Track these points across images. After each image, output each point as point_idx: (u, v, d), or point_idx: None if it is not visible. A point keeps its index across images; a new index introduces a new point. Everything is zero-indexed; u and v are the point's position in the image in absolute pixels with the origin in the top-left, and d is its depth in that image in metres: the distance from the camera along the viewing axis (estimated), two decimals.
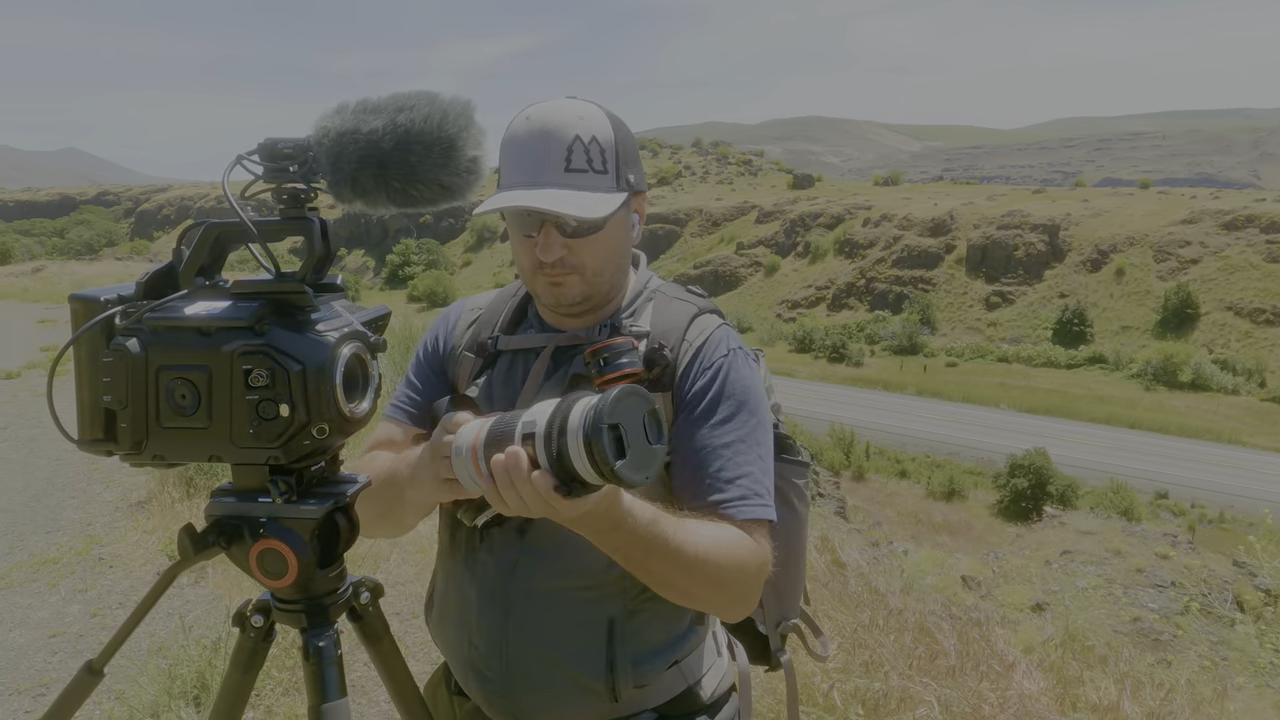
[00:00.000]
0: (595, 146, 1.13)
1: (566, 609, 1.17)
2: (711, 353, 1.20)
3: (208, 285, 0.90)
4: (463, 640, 1.25)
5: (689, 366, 1.19)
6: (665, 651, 1.21)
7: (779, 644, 1.39)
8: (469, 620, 1.23)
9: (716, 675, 1.29)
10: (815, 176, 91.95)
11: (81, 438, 0.89)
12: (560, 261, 1.15)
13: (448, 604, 1.29)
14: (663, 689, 1.21)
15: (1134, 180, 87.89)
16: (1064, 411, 38.04)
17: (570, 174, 1.11)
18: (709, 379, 1.18)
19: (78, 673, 0.96)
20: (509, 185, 1.13)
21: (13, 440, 7.64)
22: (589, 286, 1.18)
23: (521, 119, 1.14)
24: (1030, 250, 58.49)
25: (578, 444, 0.80)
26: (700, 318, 1.23)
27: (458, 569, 1.26)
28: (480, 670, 1.23)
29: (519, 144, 1.13)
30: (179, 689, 3.04)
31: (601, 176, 1.13)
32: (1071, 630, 6.59)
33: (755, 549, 1.12)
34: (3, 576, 4.56)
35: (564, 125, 1.12)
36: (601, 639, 1.17)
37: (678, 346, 1.19)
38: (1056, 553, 13.69)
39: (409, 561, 4.50)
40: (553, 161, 1.11)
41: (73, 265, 47.55)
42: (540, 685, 1.19)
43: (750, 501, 1.14)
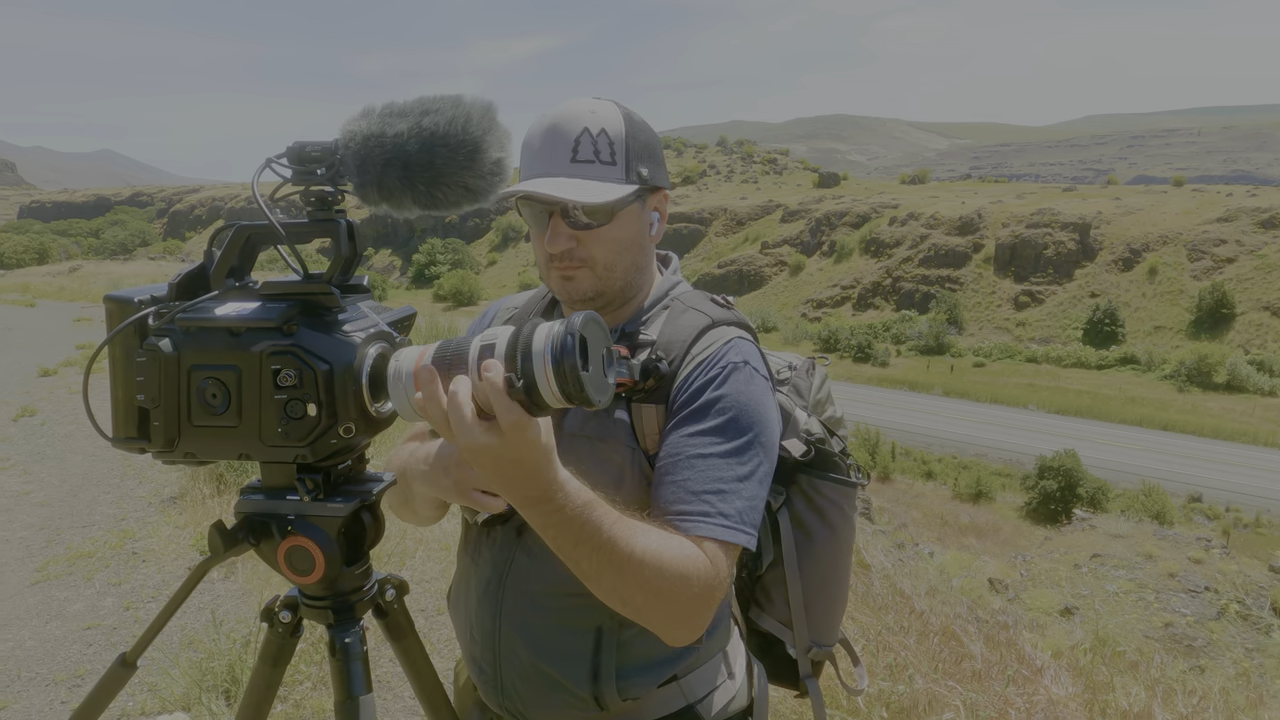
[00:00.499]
0: (604, 138, 1.12)
1: (555, 614, 1.16)
2: (713, 364, 1.14)
3: (238, 286, 0.91)
4: (465, 632, 1.27)
5: (686, 379, 1.14)
6: (658, 667, 1.18)
7: (809, 670, 1.35)
8: (470, 613, 1.26)
9: (724, 696, 1.24)
10: (841, 175, 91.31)
11: (116, 435, 0.91)
12: (569, 254, 1.14)
13: (458, 595, 1.31)
14: (658, 704, 1.19)
15: (1168, 178, 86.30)
16: (1094, 413, 37.44)
17: (576, 164, 1.11)
18: (701, 386, 1.13)
19: (111, 665, 0.98)
20: (523, 180, 1.13)
21: (49, 436, 7.81)
22: (600, 282, 1.17)
23: (538, 117, 1.15)
24: (1060, 249, 57.66)
25: (544, 360, 0.79)
26: (713, 330, 1.18)
27: (466, 562, 1.28)
28: (478, 662, 1.25)
29: (533, 140, 1.14)
30: (210, 682, 3.09)
31: (609, 168, 1.12)
32: (1101, 635, 6.49)
33: (705, 568, 1.04)
34: (40, 569, 4.67)
35: (573, 118, 1.12)
36: (588, 647, 1.16)
37: (680, 359, 1.15)
38: (1086, 556, 13.49)
39: (434, 559, 4.54)
40: (559, 153, 1.11)
41: (108, 265, 48.50)
42: (528, 684, 1.19)
43: (711, 520, 1.07)
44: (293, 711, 3.07)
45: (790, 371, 1.36)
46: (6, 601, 4.27)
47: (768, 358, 1.35)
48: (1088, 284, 55.37)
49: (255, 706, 1.04)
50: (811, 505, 1.28)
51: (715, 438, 1.10)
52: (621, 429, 1.14)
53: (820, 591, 1.31)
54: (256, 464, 0.95)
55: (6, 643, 3.82)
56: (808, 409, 1.32)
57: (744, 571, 1.34)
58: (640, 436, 1.14)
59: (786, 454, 1.25)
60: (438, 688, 1.13)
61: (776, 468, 1.25)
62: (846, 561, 1.34)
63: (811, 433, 1.29)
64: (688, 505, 1.07)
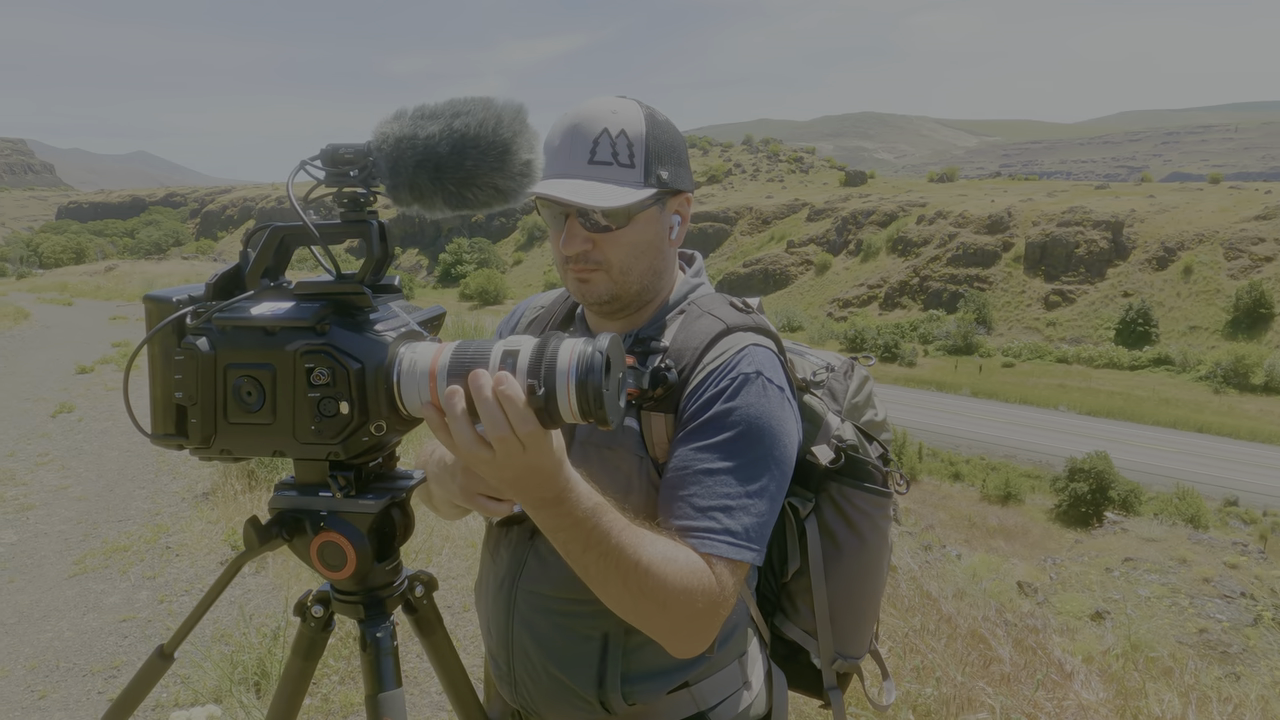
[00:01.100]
0: (623, 140, 1.11)
1: (563, 618, 1.17)
2: (724, 373, 1.10)
3: (272, 286, 0.93)
4: (484, 626, 1.30)
5: (697, 388, 1.11)
6: (668, 675, 1.17)
7: (833, 681, 1.33)
8: (487, 609, 1.28)
9: (736, 705, 1.23)
10: (868, 173, 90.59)
11: (154, 432, 0.93)
12: (584, 256, 1.13)
13: (480, 590, 1.33)
14: (668, 710, 1.18)
15: (1204, 175, 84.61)
16: (1127, 414, 36.84)
17: (594, 166, 1.10)
18: (711, 398, 1.09)
19: (150, 656, 1.01)
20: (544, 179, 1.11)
21: (86, 432, 7.97)
22: (616, 285, 1.15)
23: (560, 116, 1.14)
24: (1092, 248, 56.78)
25: (568, 377, 0.81)
26: (728, 337, 1.15)
27: (486, 559, 1.30)
28: (494, 656, 1.27)
29: (552, 139, 1.13)
30: (240, 675, 3.15)
31: (627, 170, 1.11)
32: (1133, 640, 6.38)
33: (710, 584, 1.02)
34: (78, 562, 4.77)
35: (593, 119, 1.11)
36: (595, 653, 1.16)
37: (690, 367, 1.12)
38: (1118, 560, 13.27)
39: (459, 556, 4.58)
40: (577, 153, 1.10)
41: (142, 264, 49.44)
42: (538, 683, 1.20)
43: (717, 536, 1.05)
44: (321, 705, 3.11)
45: (827, 373, 1.31)
46: (46, 593, 4.38)
47: (805, 356, 1.33)
48: (1120, 283, 54.47)
49: (288, 699, 1.06)
50: (840, 514, 1.25)
51: (724, 452, 1.07)
52: (630, 437, 1.13)
53: (847, 603, 1.28)
54: (289, 461, 0.97)
55: (46, 633, 3.91)
56: (841, 413, 1.28)
57: (770, 578, 1.32)
58: (649, 445, 1.13)
59: (814, 460, 1.22)
60: (465, 683, 1.14)
61: (805, 474, 1.24)
62: (877, 573, 1.31)
63: (843, 439, 1.25)
64: (695, 521, 1.05)
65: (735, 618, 1.23)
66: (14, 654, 3.73)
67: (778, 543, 1.29)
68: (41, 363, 12.51)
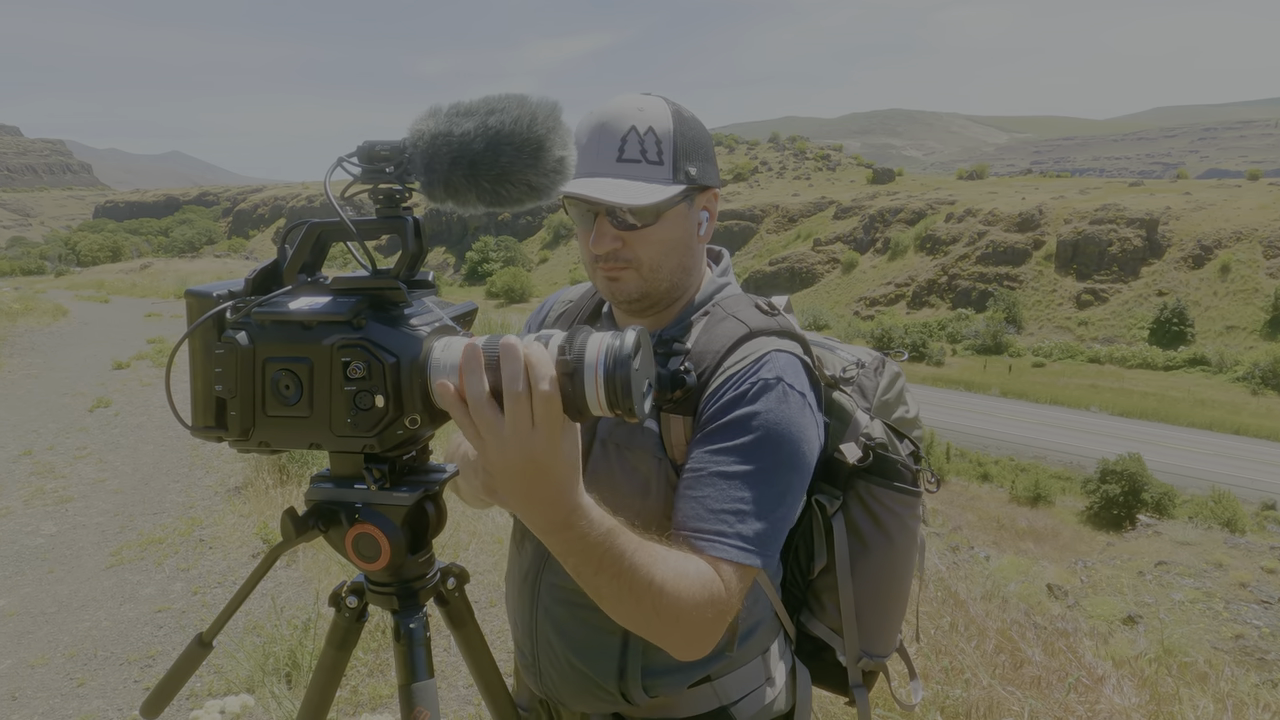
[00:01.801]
0: (651, 137, 1.10)
1: (584, 611, 1.16)
2: (744, 378, 1.09)
3: (310, 282, 0.94)
4: (511, 617, 1.32)
5: (716, 392, 1.10)
6: (688, 669, 1.18)
7: (858, 679, 1.32)
8: (512, 600, 1.30)
9: (759, 700, 1.23)
10: (896, 171, 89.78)
11: (195, 424, 0.95)
12: (614, 255, 1.13)
13: (507, 581, 1.35)
14: (689, 704, 1.19)
15: (1242, 171, 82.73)
16: (1161, 415, 36.15)
17: (622, 164, 1.09)
18: (730, 401, 1.09)
19: (189, 644, 1.03)
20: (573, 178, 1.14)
21: (123, 426, 8.14)
22: (646, 283, 1.15)
23: (586, 114, 1.14)
24: (1126, 246, 55.80)
25: (596, 369, 0.81)
26: (751, 341, 1.13)
27: (513, 551, 1.32)
28: (520, 646, 1.30)
29: (579, 138, 1.12)
30: (272, 665, 3.20)
31: (655, 167, 1.10)
32: (1167, 645, 6.26)
33: (719, 591, 1.02)
34: (115, 554, 4.88)
35: (620, 117, 1.11)
36: (615, 646, 1.17)
37: (711, 370, 1.12)
38: (1151, 563, 13.04)
39: (486, 551, 4.61)
40: (605, 152, 1.10)
41: (176, 262, 50.33)
42: (561, 673, 1.22)
43: (727, 540, 1.04)
44: (350, 696, 3.15)
45: (857, 369, 1.29)
46: (85, 584, 4.48)
47: (836, 352, 1.32)
48: (1155, 282, 53.49)
49: (321, 688, 1.08)
50: (868, 512, 1.24)
51: (740, 457, 1.07)
52: (649, 438, 1.14)
53: (874, 602, 1.27)
54: (320, 455, 0.98)
55: (84, 623, 4.00)
56: (871, 410, 1.27)
57: (796, 575, 1.31)
58: (668, 447, 1.13)
59: (842, 458, 1.21)
60: (495, 675, 1.15)
61: (833, 471, 1.24)
62: (905, 573, 1.29)
63: (872, 437, 1.23)
64: (705, 524, 1.05)
65: (758, 614, 1.23)
66: (54, 642, 3.82)
67: (804, 540, 1.29)
68: (79, 358, 12.78)
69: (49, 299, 24.43)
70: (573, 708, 1.25)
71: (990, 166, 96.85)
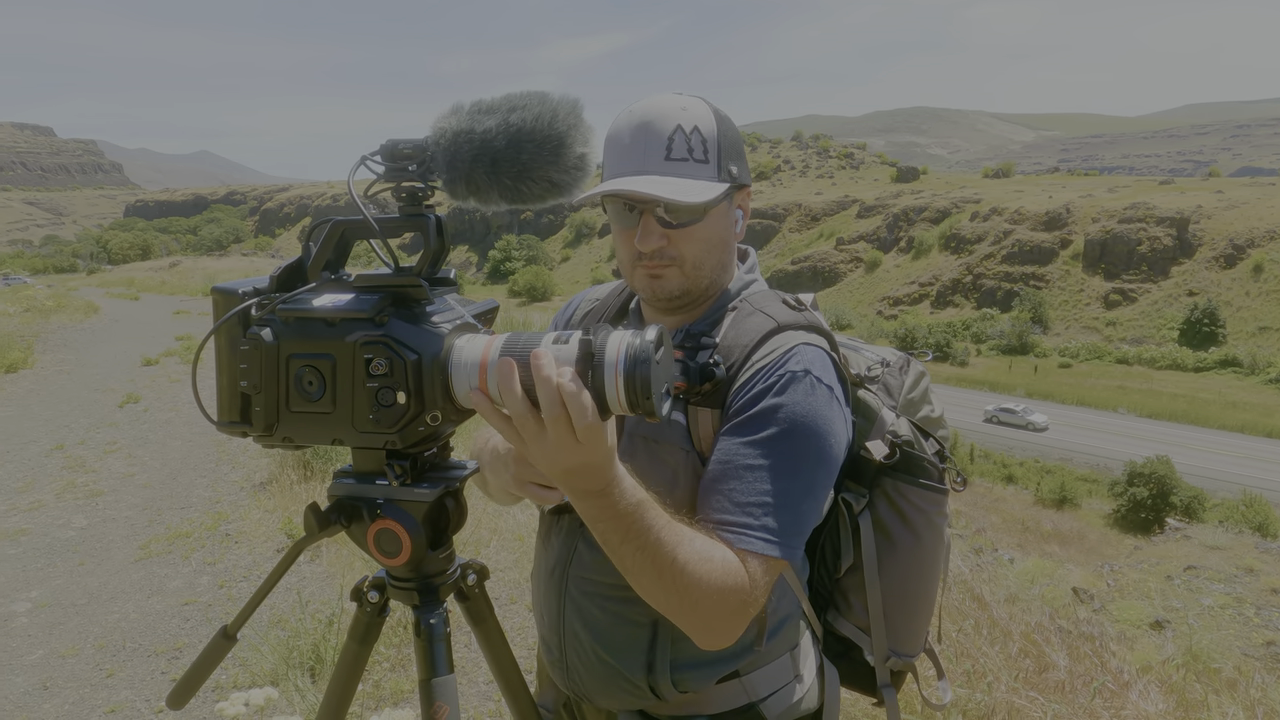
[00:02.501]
0: (696, 136, 1.10)
1: (613, 605, 1.17)
2: (772, 370, 1.09)
3: (333, 279, 0.95)
4: (537, 613, 1.31)
5: (744, 385, 1.10)
6: (716, 664, 1.17)
7: (886, 679, 1.31)
8: (539, 596, 1.29)
9: (788, 698, 1.22)
10: (920, 169, 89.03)
11: (220, 419, 0.96)
12: (659, 253, 1.12)
13: (534, 576, 1.34)
14: (718, 699, 1.19)
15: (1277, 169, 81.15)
16: (1190, 417, 35.58)
17: (671, 163, 1.09)
18: (758, 394, 1.08)
19: (214, 637, 1.04)
20: (609, 177, 1.12)
21: (151, 422, 8.27)
22: (688, 280, 1.15)
23: (624, 113, 1.13)
24: (1155, 245, 54.93)
25: (616, 369, 0.81)
26: (779, 335, 1.14)
27: (539, 547, 1.32)
28: (547, 642, 1.29)
29: (621, 137, 1.12)
30: (296, 659, 3.23)
31: (702, 166, 1.11)
32: (1195, 651, 6.16)
33: (743, 581, 1.02)
34: (143, 547, 4.96)
35: (665, 116, 1.10)
36: (644, 640, 1.16)
37: (739, 363, 1.12)
38: (1179, 568, 12.83)
39: (507, 548, 4.63)
40: (653, 151, 1.09)
41: (204, 260, 51.05)
42: (589, 668, 1.21)
43: (754, 532, 1.04)
44: (372, 691, 3.18)
45: (882, 368, 1.30)
46: (114, 576, 4.55)
47: (860, 351, 1.32)
48: (1185, 282, 52.62)
49: (343, 682, 1.09)
50: (895, 510, 1.23)
51: (767, 449, 1.06)
52: (677, 431, 1.13)
53: (901, 600, 1.27)
54: (344, 450, 0.99)
55: (113, 615, 4.07)
56: (896, 409, 1.27)
57: (823, 573, 1.31)
58: (695, 439, 1.13)
59: (869, 456, 1.21)
60: (515, 670, 1.15)
61: (859, 469, 1.23)
62: (933, 571, 1.28)
63: (898, 434, 1.23)
64: (732, 516, 1.05)
65: (785, 609, 1.23)
66: (84, 633, 3.89)
67: (831, 538, 1.28)
68: (110, 354, 13.01)
69: (81, 296, 24.88)
70: (600, 704, 1.24)
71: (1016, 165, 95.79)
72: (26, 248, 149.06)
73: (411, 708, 2.83)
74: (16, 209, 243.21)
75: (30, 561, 4.78)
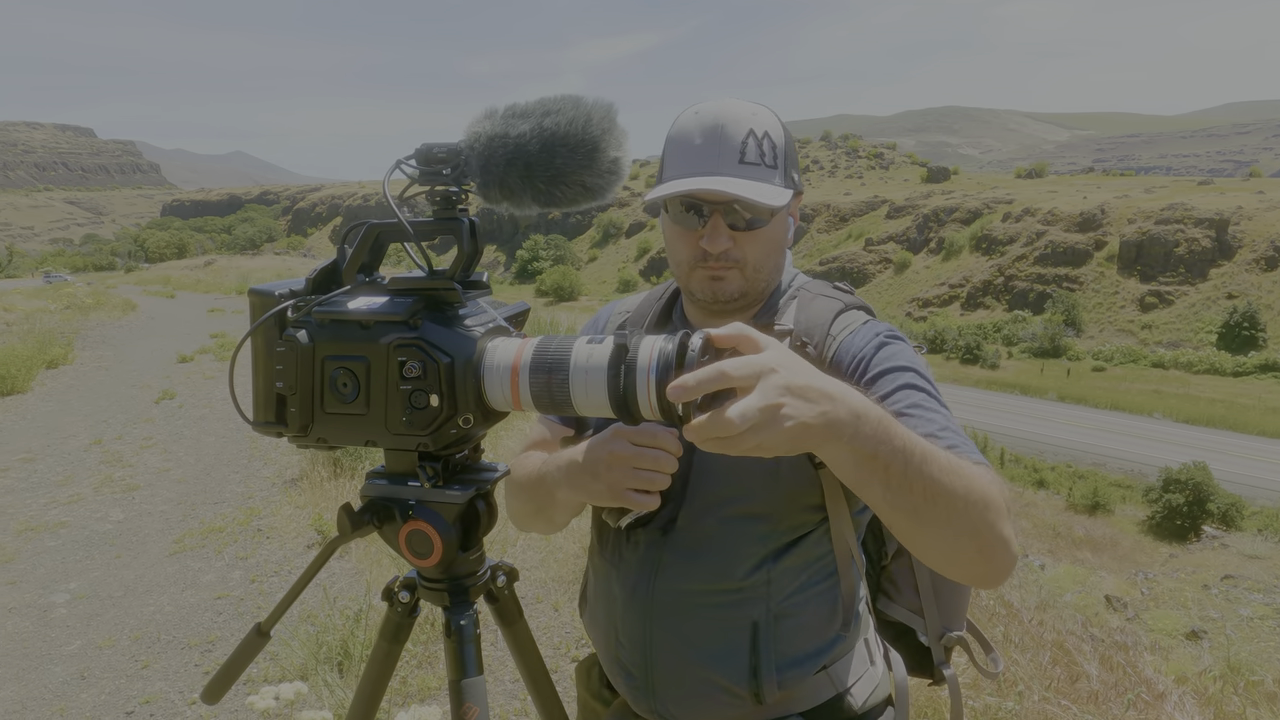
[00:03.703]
0: (768, 141, 1.12)
1: (709, 611, 1.15)
2: (861, 342, 1.13)
3: (368, 282, 0.96)
4: (610, 638, 1.26)
5: (836, 359, 1.14)
6: (813, 657, 1.17)
7: (942, 657, 1.32)
8: (615, 618, 1.24)
9: (869, 685, 1.23)
10: (951, 169, 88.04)
11: (256, 419, 0.97)
12: (724, 255, 1.14)
13: (598, 601, 1.29)
14: (810, 694, 1.18)
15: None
16: (1229, 423, 34.75)
17: (744, 165, 1.11)
18: (862, 361, 1.11)
19: (248, 633, 1.05)
20: (679, 176, 1.12)
21: (186, 418, 8.42)
22: (748, 282, 1.17)
23: (690, 114, 1.15)
24: (1193, 247, 53.77)
25: (648, 374, 0.81)
26: (846, 313, 1.19)
27: (605, 567, 1.26)
28: (626, 668, 1.23)
29: (690, 137, 1.13)
30: (325, 654, 3.28)
31: (772, 171, 1.13)
32: (1233, 662, 6.02)
33: (1003, 486, 0.93)
34: (178, 541, 5.05)
35: (738, 120, 1.12)
36: (745, 643, 1.14)
37: (822, 343, 1.15)
38: (1216, 577, 12.56)
39: (533, 549, 4.65)
40: (727, 153, 1.11)
41: (238, 259, 51.94)
42: (683, 686, 1.17)
43: (968, 447, 0.98)
44: (400, 687, 3.21)
45: None
46: (149, 569, 4.64)
47: None
48: (1224, 284, 51.44)
49: (374, 679, 1.10)
50: None
51: (903, 395, 1.05)
52: None
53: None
54: (375, 450, 0.99)
55: (148, 607, 4.15)
56: None
57: (870, 561, 1.33)
58: None
59: None
60: (543, 672, 1.16)
61: None
62: None
63: None
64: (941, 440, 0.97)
65: (857, 596, 1.23)
66: (120, 625, 3.97)
67: (873, 528, 1.31)
68: (146, 351, 13.27)
69: (119, 294, 25.39)
70: None
71: (1050, 165, 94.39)
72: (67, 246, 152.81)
73: (438, 704, 2.86)
74: (58, 208, 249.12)
75: (69, 554, 4.89)
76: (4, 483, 6.28)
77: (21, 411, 8.80)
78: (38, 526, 5.33)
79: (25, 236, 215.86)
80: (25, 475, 6.47)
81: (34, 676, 3.52)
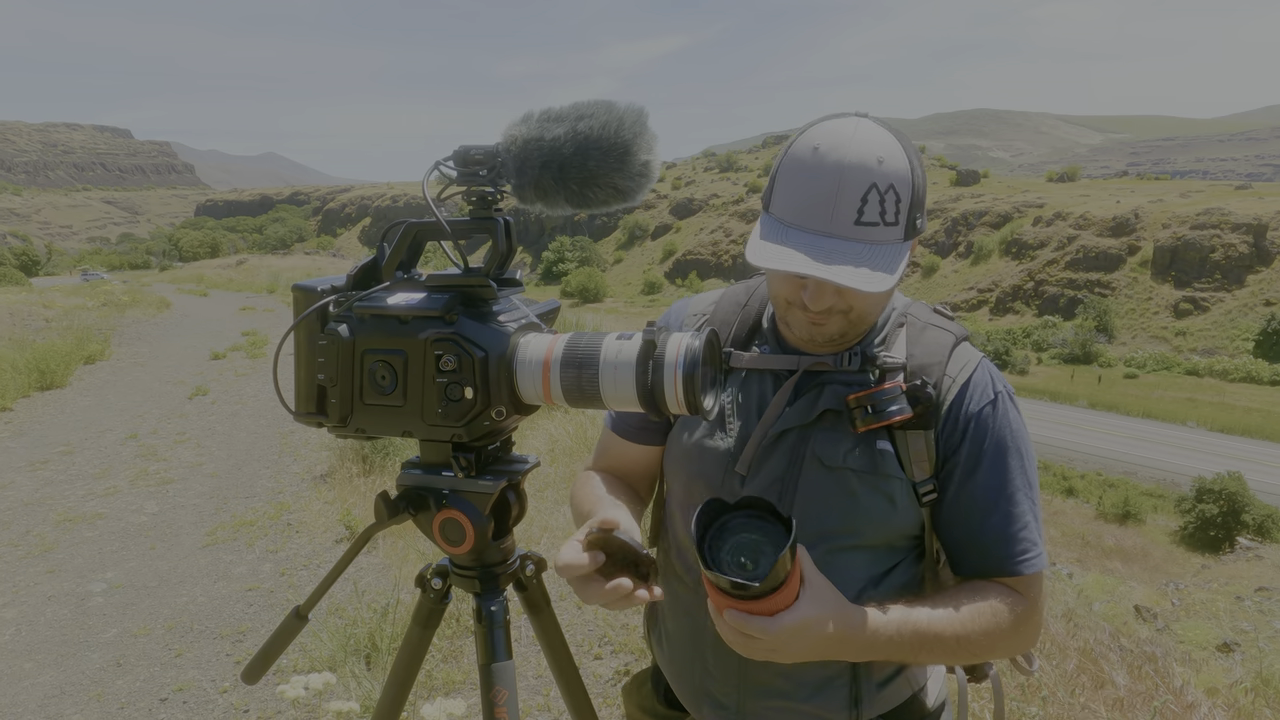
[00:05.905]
0: (891, 195, 1.01)
1: None
2: (979, 396, 1.13)
3: (406, 278, 1.00)
4: (695, 667, 1.24)
5: (953, 407, 1.12)
6: (899, 667, 1.21)
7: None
8: (704, 648, 1.22)
9: (937, 683, 1.27)
10: (981, 173, 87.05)
11: (298, 410, 1.02)
12: (828, 308, 1.09)
13: (680, 628, 1.28)
14: (890, 696, 1.21)
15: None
16: (1265, 433, 34.02)
17: (860, 227, 1.01)
18: (980, 428, 1.12)
19: (286, 617, 1.09)
20: (788, 222, 1.04)
21: (219, 414, 8.58)
22: (851, 327, 1.12)
23: (808, 148, 1.03)
24: (1230, 252, 52.73)
25: (675, 370, 0.86)
26: (959, 348, 1.16)
27: (688, 595, 1.25)
28: (716, 699, 1.22)
29: (805, 177, 1.02)
30: (353, 646, 3.34)
31: (892, 229, 1.03)
32: (1266, 675, 5.91)
33: (1017, 607, 1.10)
34: (210, 534, 5.15)
35: (861, 170, 1.00)
36: (846, 674, 1.16)
37: (940, 382, 1.12)
38: (1250, 589, 12.30)
39: (558, 544, 4.69)
40: (842, 211, 1.01)
41: (269, 259, 52.65)
42: (780, 715, 1.19)
43: (1031, 555, 1.11)
44: (425, 680, 3.26)
45: None
46: (182, 561, 4.75)
47: None
48: (1262, 291, 50.38)
49: (406, 664, 1.13)
50: None
51: (1008, 475, 1.12)
52: (888, 460, 1.11)
53: None
54: (403, 444, 1.03)
55: (182, 598, 4.25)
56: None
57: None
58: (906, 465, 1.12)
59: None
60: (569, 659, 1.19)
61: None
62: None
63: None
64: (1010, 548, 1.11)
65: None
66: (155, 615, 4.06)
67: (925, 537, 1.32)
68: (180, 348, 13.52)
69: (154, 292, 25.89)
70: None
71: (1082, 168, 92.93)
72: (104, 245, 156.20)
73: (463, 698, 2.90)
74: (96, 208, 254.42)
75: (106, 544, 5.01)
76: (44, 474, 6.45)
77: (61, 405, 9.02)
78: (76, 518, 5.47)
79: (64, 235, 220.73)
80: (64, 467, 6.64)
81: (72, 663, 3.62)
